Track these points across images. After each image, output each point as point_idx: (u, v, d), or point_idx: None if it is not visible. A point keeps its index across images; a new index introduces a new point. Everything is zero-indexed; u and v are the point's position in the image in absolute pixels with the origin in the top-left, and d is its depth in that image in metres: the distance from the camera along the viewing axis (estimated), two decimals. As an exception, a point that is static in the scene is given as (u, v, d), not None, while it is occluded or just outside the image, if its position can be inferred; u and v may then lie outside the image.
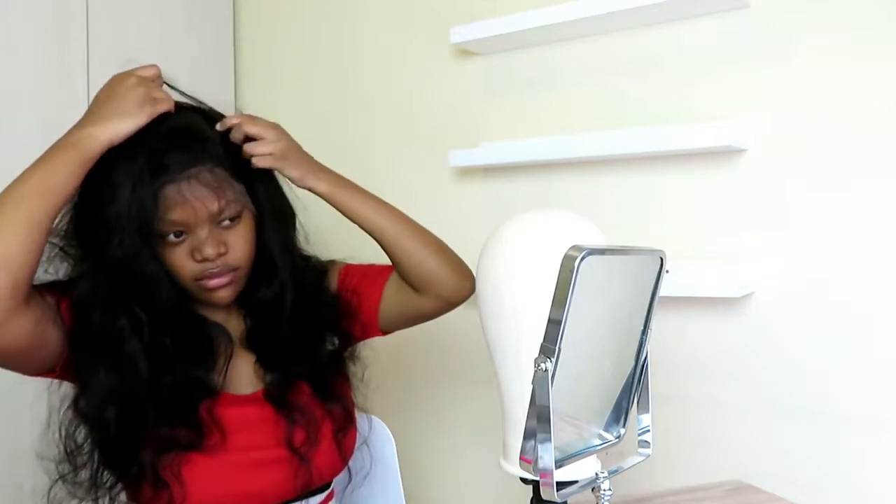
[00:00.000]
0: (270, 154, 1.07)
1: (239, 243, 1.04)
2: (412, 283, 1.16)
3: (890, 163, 1.28)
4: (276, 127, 1.11)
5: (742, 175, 1.41)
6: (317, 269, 1.20)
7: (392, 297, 1.19)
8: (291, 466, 1.06)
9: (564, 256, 0.72)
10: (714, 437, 1.44)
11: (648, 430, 0.91)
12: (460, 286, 1.17)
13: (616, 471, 0.86)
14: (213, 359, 1.06)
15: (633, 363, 0.89)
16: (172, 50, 1.96)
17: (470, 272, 1.18)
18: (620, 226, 1.52)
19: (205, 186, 0.99)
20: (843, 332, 1.32)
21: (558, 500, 0.75)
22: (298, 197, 1.17)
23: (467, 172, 1.75)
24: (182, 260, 1.01)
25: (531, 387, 0.73)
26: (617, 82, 1.55)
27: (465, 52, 1.73)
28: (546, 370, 0.71)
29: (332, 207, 1.15)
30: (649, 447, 0.91)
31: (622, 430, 0.89)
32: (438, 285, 1.15)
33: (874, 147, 1.29)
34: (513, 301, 0.83)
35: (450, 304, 1.18)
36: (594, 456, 0.87)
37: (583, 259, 0.71)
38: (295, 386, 1.10)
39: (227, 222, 1.03)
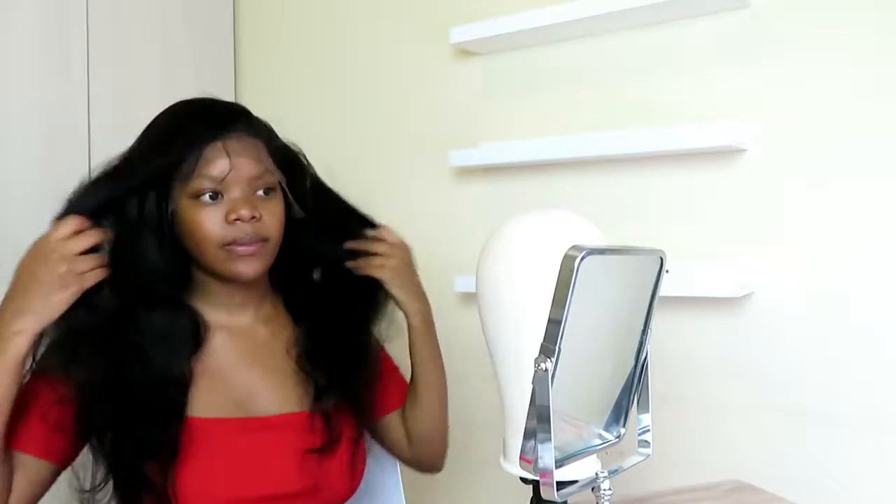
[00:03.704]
0: (382, 266, 1.12)
1: (270, 215, 1.03)
2: (409, 432, 1.20)
3: (890, 162, 1.28)
4: (404, 245, 1.17)
5: (742, 175, 1.41)
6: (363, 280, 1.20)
7: (393, 420, 1.21)
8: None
9: (564, 256, 0.72)
10: (714, 437, 1.44)
11: (648, 430, 0.91)
12: (434, 463, 1.24)
13: (616, 471, 0.86)
14: (184, 347, 1.03)
15: (632, 363, 0.89)
16: (172, 50, 1.96)
17: (445, 456, 1.25)
18: (620, 226, 1.52)
19: (248, 150, 1.01)
20: (843, 331, 1.32)
21: (558, 500, 0.75)
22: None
23: (467, 172, 1.75)
24: (212, 220, 0.99)
25: (531, 386, 0.73)
26: (617, 82, 1.55)
27: (465, 52, 1.73)
28: (546, 370, 0.71)
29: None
30: (649, 447, 0.91)
31: (622, 430, 0.89)
32: (425, 450, 1.21)
33: (874, 147, 1.29)
34: (513, 301, 0.83)
35: (415, 466, 1.24)
36: (594, 456, 0.87)
37: (583, 259, 0.71)
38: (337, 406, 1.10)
39: (261, 193, 1.03)
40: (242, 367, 1.07)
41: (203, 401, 1.02)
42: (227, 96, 2.10)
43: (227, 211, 0.99)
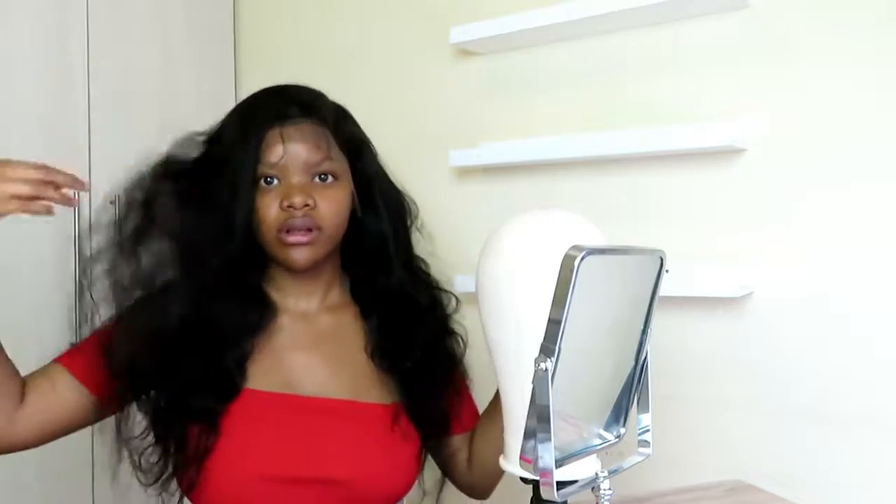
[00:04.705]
0: None
1: (327, 203, 1.03)
2: (474, 455, 1.13)
3: (890, 162, 1.28)
4: None
5: (742, 175, 1.41)
6: (438, 289, 1.19)
7: (462, 440, 1.15)
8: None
9: (564, 256, 0.72)
10: (714, 437, 1.44)
11: (648, 430, 0.91)
12: (486, 490, 1.16)
13: (616, 470, 0.86)
14: (249, 325, 1.05)
15: (633, 363, 0.89)
16: (172, 50, 1.96)
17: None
18: (620, 226, 1.52)
19: (305, 137, 1.03)
20: (843, 331, 1.32)
21: (558, 500, 0.75)
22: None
23: (467, 172, 1.75)
24: (269, 205, 1.01)
25: (531, 386, 0.73)
26: (617, 82, 1.55)
27: (465, 52, 1.73)
28: (546, 370, 0.71)
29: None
30: (649, 447, 0.91)
31: (622, 430, 0.89)
32: (484, 475, 1.13)
33: (874, 146, 1.29)
34: (513, 301, 0.83)
35: (466, 489, 1.18)
36: (594, 456, 0.87)
37: (583, 259, 0.71)
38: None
39: (320, 179, 1.04)
40: (300, 350, 1.08)
41: (259, 376, 1.05)
42: (227, 96, 2.10)
43: (280, 196, 1.01)
